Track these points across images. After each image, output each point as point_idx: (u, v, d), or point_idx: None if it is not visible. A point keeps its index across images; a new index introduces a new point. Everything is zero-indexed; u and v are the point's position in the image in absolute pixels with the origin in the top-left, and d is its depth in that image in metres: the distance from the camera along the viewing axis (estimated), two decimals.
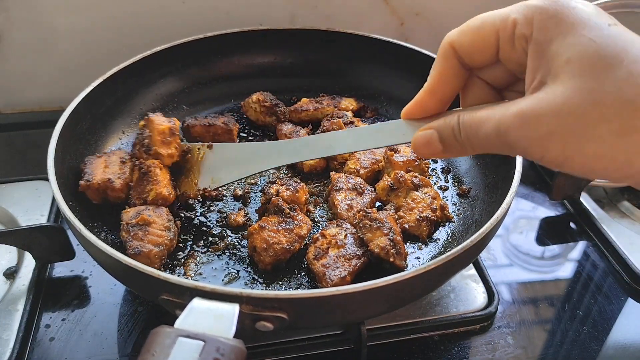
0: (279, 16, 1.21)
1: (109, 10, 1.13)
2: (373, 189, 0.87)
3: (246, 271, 0.76)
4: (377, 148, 0.79)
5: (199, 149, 0.82)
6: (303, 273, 0.76)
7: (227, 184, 0.82)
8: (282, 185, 0.83)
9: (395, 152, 0.89)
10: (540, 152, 0.42)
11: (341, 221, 0.80)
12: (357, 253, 0.74)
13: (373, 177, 0.92)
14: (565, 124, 0.40)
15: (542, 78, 0.42)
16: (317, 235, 0.77)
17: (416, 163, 0.89)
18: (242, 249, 0.79)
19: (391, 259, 0.72)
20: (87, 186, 0.79)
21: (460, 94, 0.53)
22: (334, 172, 0.90)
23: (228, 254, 0.78)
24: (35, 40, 1.13)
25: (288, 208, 0.78)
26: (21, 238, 0.79)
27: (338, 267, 0.72)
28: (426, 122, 0.52)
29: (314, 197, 0.89)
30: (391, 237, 0.74)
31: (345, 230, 0.77)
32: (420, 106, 0.53)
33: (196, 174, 0.81)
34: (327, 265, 0.72)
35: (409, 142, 0.53)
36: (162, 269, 0.74)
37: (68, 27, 1.13)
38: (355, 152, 0.91)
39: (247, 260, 0.77)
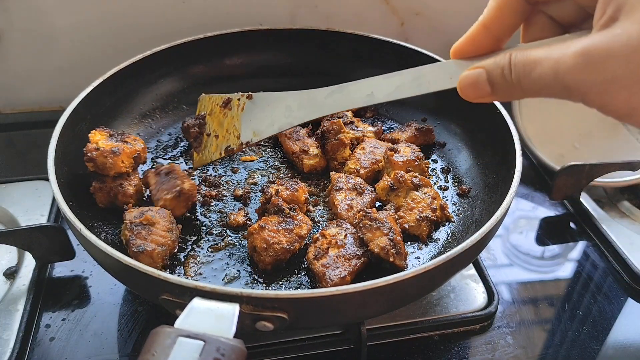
0: (279, 16, 1.21)
1: (109, 11, 1.13)
2: (373, 189, 0.87)
3: (246, 271, 0.76)
4: (421, 94, 0.70)
5: (239, 99, 0.78)
6: (303, 273, 0.76)
7: (266, 137, 0.78)
8: (282, 185, 0.83)
9: (395, 152, 0.89)
10: (601, 100, 0.37)
11: (341, 221, 0.80)
12: (357, 253, 0.74)
13: (373, 177, 0.92)
14: (636, 69, 0.34)
15: (614, 13, 0.36)
16: (317, 235, 0.77)
17: (416, 163, 0.89)
18: (242, 249, 0.79)
19: (391, 259, 0.72)
20: (99, 188, 0.80)
21: (522, 30, 0.47)
22: (334, 172, 0.89)
23: (228, 253, 0.78)
24: (35, 40, 1.13)
25: (288, 208, 0.78)
26: (21, 238, 0.79)
27: (338, 267, 0.72)
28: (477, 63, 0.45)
29: (313, 197, 0.89)
30: (391, 237, 0.74)
31: (345, 230, 0.77)
32: (472, 42, 0.46)
33: (237, 126, 0.78)
34: (327, 265, 0.72)
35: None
36: (163, 269, 0.74)
37: (68, 27, 1.13)
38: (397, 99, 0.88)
39: (247, 260, 0.77)
